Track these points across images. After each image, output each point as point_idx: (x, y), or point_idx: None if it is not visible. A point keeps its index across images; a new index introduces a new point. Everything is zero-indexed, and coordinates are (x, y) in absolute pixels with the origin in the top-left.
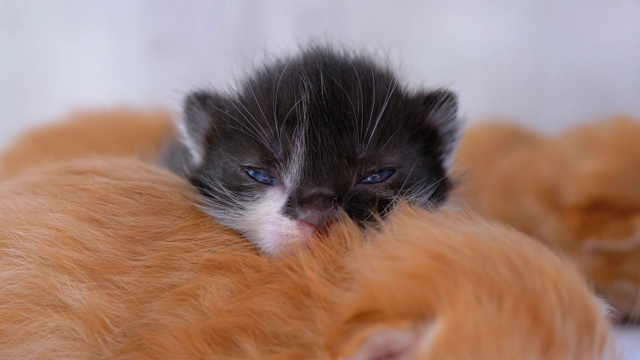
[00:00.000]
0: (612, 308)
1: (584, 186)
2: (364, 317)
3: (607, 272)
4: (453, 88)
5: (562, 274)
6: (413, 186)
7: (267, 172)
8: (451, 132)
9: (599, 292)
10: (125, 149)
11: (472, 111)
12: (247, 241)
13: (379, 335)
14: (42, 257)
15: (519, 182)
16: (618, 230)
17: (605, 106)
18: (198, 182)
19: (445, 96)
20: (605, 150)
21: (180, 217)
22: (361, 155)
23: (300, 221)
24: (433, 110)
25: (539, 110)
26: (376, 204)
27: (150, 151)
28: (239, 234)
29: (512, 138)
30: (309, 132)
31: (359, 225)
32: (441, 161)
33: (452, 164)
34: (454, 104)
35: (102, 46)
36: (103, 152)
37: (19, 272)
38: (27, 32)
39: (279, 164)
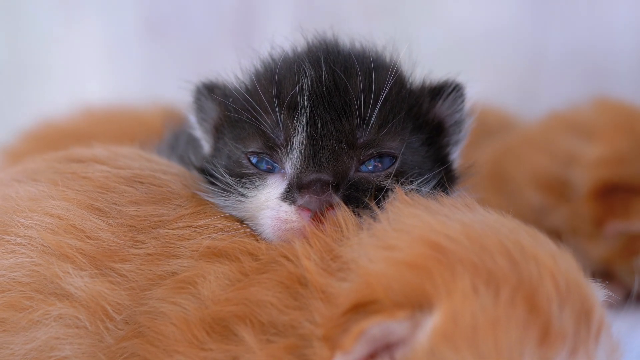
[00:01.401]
0: (611, 293)
1: (594, 173)
2: (361, 308)
3: (627, 251)
4: (460, 79)
5: (558, 262)
6: (415, 176)
7: (269, 157)
8: (458, 124)
9: (618, 272)
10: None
11: (470, 92)
12: (247, 228)
13: (376, 327)
14: (44, 245)
15: (510, 175)
16: None
17: (603, 86)
18: (204, 170)
19: (452, 87)
20: (605, 134)
21: (180, 206)
22: (361, 140)
23: (298, 206)
24: (440, 102)
25: (537, 91)
26: (374, 192)
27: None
28: (239, 221)
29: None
30: (309, 118)
31: (358, 213)
32: (447, 154)
33: (458, 157)
34: (461, 95)
35: (98, 29)
36: None
37: (22, 260)
38: (23, 17)
39: (280, 149)
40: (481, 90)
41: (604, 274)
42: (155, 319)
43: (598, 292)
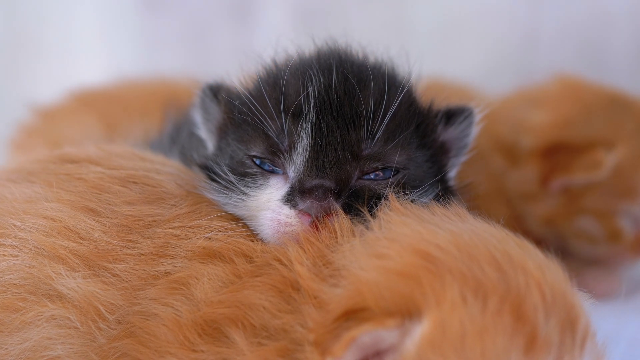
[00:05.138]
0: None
1: (539, 135)
2: (352, 315)
3: (568, 210)
4: (472, 105)
5: (545, 272)
6: (414, 189)
7: (271, 163)
8: (464, 147)
9: (563, 235)
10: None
11: (466, 69)
12: (243, 228)
13: (366, 335)
14: (38, 248)
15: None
16: (587, 164)
17: (598, 62)
18: (206, 167)
19: (466, 114)
20: (552, 102)
21: (175, 205)
22: (366, 152)
23: (299, 211)
24: (455, 126)
25: (532, 68)
26: (375, 200)
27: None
28: (235, 221)
29: None
30: (315, 125)
31: (357, 220)
32: (447, 171)
33: (456, 173)
34: (473, 121)
35: (95, 4)
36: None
37: (15, 263)
38: None
39: (283, 154)
40: (476, 66)
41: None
42: (147, 319)
43: (584, 302)
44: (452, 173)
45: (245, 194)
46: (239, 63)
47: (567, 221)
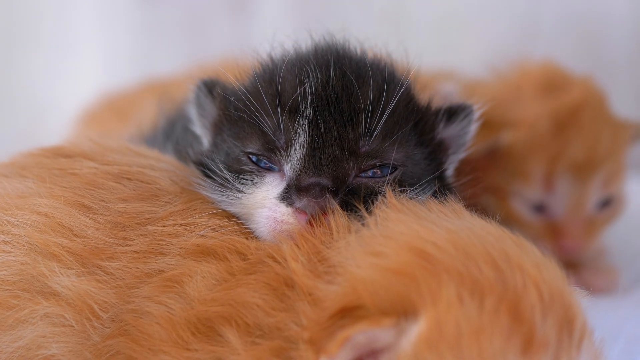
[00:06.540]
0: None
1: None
2: (348, 312)
3: (477, 187)
4: (471, 102)
5: (543, 271)
6: (412, 186)
7: (268, 160)
8: (463, 144)
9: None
10: None
11: (467, 59)
12: (238, 225)
13: (361, 334)
14: (31, 244)
15: None
16: (482, 139)
17: (598, 54)
18: (201, 164)
19: (467, 112)
20: (499, 84)
21: (169, 203)
22: (364, 149)
23: (296, 209)
24: (455, 123)
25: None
26: (372, 198)
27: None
28: (229, 218)
29: None
30: (312, 122)
31: (354, 217)
32: (445, 169)
33: (453, 171)
34: (472, 119)
35: None
36: None
37: (8, 259)
38: None
39: (280, 151)
40: (476, 56)
41: None
42: (140, 317)
43: (581, 299)
44: (450, 170)
45: (240, 191)
46: (235, 58)
47: (476, 198)
